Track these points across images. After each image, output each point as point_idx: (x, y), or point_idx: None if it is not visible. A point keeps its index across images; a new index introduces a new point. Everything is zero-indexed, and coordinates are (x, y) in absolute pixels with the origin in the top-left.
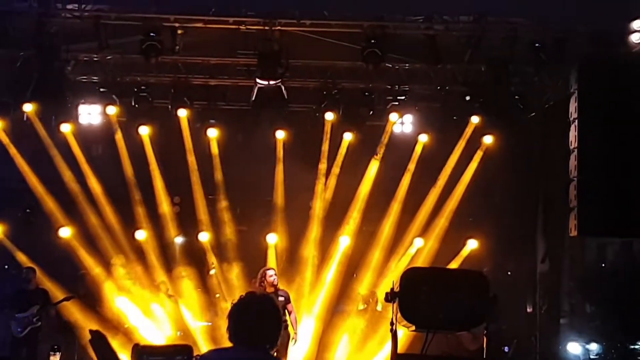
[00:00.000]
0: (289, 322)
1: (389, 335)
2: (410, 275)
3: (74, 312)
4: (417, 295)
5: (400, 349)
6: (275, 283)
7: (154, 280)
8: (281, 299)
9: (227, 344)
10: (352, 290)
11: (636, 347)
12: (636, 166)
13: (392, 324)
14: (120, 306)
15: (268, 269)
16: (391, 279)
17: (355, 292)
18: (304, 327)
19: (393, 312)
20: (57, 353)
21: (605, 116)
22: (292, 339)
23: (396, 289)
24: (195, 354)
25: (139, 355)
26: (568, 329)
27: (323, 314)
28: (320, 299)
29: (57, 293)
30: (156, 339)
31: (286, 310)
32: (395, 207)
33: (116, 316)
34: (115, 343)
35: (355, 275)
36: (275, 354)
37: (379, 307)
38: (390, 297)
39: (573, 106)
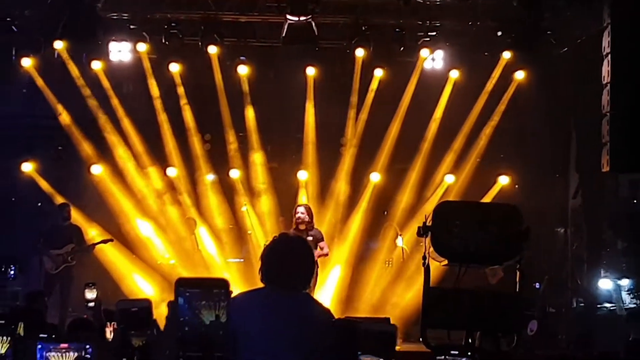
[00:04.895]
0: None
1: (417, 271)
2: (443, 209)
3: (109, 253)
4: (449, 229)
5: (431, 283)
6: (304, 220)
7: (184, 215)
8: (310, 238)
9: (259, 281)
10: (382, 227)
11: None
12: None
13: (424, 258)
14: (146, 234)
15: (299, 206)
16: (422, 215)
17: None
18: (335, 264)
19: (425, 246)
20: (94, 289)
21: (638, 50)
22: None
23: (428, 223)
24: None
25: (177, 287)
26: (600, 265)
27: (354, 251)
28: (351, 236)
29: (88, 231)
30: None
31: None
32: (426, 144)
33: (150, 255)
34: (153, 282)
35: (385, 212)
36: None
37: (399, 242)
38: (422, 231)
39: (606, 40)
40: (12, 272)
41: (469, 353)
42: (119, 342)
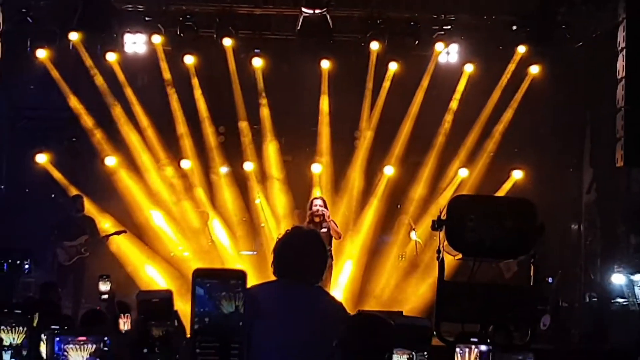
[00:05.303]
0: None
1: (430, 264)
2: (458, 203)
3: (123, 245)
4: (464, 222)
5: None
6: (319, 213)
7: (197, 208)
8: (324, 230)
9: (272, 273)
10: (396, 220)
11: None
12: None
13: (438, 251)
14: (160, 225)
15: (315, 199)
16: (436, 208)
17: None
18: (348, 257)
19: (440, 240)
20: (107, 281)
21: None
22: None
23: (443, 217)
24: None
25: (195, 278)
26: (614, 260)
27: (367, 244)
28: (364, 230)
29: (102, 222)
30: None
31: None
32: (440, 138)
33: (163, 246)
34: (166, 274)
35: (399, 206)
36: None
37: (413, 236)
38: (437, 224)
39: (621, 35)
40: (27, 266)
41: (488, 340)
42: (139, 333)
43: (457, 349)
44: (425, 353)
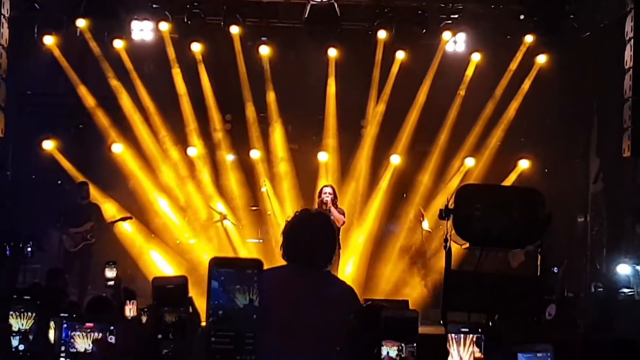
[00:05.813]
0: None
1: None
2: (465, 192)
3: (128, 232)
4: (471, 212)
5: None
6: (325, 200)
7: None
8: (331, 218)
9: (278, 262)
10: (402, 210)
11: None
12: None
13: (445, 240)
14: (166, 212)
15: (325, 186)
16: (442, 197)
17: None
18: (354, 246)
19: (447, 229)
20: (114, 268)
21: None
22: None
23: (450, 206)
24: None
25: (212, 266)
26: (619, 250)
27: (373, 234)
28: (370, 219)
29: (108, 209)
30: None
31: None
32: (446, 127)
33: (169, 233)
34: (171, 261)
35: (405, 195)
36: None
37: (424, 225)
38: (444, 213)
39: (629, 25)
40: (29, 249)
41: (480, 330)
42: (153, 319)
43: (454, 335)
44: (415, 344)
